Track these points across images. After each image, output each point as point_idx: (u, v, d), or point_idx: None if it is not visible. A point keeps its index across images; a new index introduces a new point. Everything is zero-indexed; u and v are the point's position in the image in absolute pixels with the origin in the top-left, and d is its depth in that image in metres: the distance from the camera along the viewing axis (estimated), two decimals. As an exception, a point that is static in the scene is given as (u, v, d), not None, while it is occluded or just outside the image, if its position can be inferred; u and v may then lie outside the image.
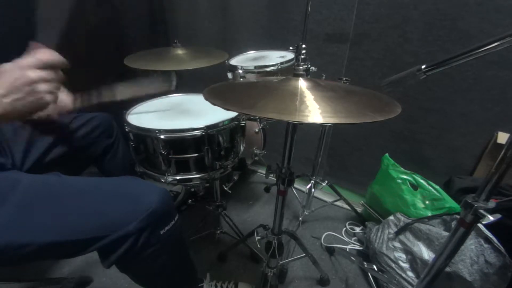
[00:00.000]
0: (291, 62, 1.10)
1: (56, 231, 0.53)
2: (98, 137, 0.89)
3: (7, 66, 0.50)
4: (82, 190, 0.61)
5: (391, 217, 1.05)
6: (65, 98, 0.70)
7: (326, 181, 1.31)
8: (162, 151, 0.77)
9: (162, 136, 0.76)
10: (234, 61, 1.20)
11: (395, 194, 1.09)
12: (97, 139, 0.90)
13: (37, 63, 0.51)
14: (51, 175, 0.61)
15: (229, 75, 1.16)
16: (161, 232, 0.62)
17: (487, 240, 0.79)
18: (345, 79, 1.02)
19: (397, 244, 0.99)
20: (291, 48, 1.01)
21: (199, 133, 0.76)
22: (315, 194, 1.44)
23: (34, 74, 0.50)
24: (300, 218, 1.33)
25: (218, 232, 1.20)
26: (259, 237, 0.89)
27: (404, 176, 1.08)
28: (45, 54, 0.52)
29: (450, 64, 0.50)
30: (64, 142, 0.81)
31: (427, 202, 1.02)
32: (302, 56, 0.85)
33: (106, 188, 0.62)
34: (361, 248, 1.21)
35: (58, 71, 0.54)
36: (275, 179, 0.72)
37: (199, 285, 0.91)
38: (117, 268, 0.65)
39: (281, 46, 1.27)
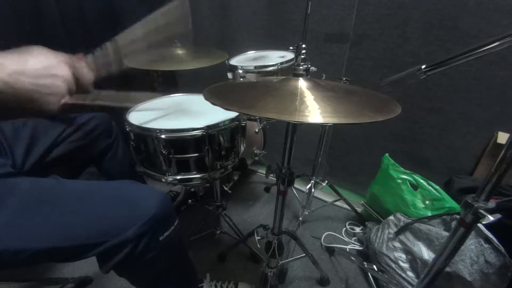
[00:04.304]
0: (291, 62, 1.10)
1: (54, 236, 0.52)
2: (97, 136, 0.89)
3: (47, 52, 0.54)
4: (81, 194, 0.59)
5: (391, 217, 1.05)
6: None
7: (326, 181, 1.31)
8: (162, 150, 0.77)
9: (163, 136, 0.76)
10: (234, 61, 1.20)
11: (395, 194, 1.10)
12: (96, 139, 0.89)
13: (73, 65, 0.55)
14: (50, 179, 0.60)
15: (229, 75, 1.16)
16: (160, 238, 0.60)
17: (487, 240, 0.79)
18: (345, 79, 1.02)
19: (397, 244, 0.99)
20: (291, 48, 1.01)
21: (200, 133, 0.76)
22: (315, 194, 1.44)
23: (65, 71, 0.54)
24: (300, 218, 1.33)
25: (218, 232, 1.20)
26: (259, 237, 0.88)
27: (404, 176, 1.09)
28: (83, 66, 0.58)
29: (450, 64, 0.50)
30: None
31: (427, 202, 1.02)
32: (302, 56, 0.85)
33: (105, 192, 0.61)
34: (361, 248, 1.21)
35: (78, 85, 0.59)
36: (275, 179, 0.72)
37: (199, 285, 0.91)
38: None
39: (281, 46, 1.27)
